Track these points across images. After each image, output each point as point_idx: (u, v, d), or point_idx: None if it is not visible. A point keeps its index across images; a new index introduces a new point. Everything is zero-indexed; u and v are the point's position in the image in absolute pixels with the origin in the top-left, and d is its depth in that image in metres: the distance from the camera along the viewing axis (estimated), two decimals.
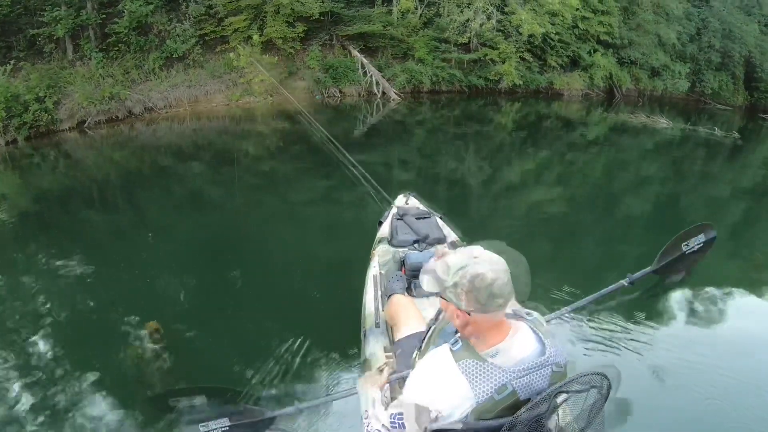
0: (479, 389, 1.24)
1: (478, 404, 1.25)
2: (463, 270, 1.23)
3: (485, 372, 1.25)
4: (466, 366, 1.26)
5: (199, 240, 5.63)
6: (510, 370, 1.25)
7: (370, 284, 2.80)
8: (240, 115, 12.61)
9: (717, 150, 11.82)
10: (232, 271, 4.67)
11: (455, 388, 1.26)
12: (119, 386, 3.13)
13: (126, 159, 9.54)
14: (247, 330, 3.73)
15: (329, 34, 14.40)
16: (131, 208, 7.03)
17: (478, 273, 1.22)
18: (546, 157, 10.17)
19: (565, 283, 3.84)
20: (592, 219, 6.66)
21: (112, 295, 4.31)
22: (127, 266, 4.90)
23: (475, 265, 1.24)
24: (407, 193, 3.76)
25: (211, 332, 3.72)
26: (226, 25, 13.33)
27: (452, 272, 1.25)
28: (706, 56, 18.99)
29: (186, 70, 13.06)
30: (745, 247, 5.82)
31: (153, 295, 4.28)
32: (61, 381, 3.18)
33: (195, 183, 8.04)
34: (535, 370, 1.26)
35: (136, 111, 12.08)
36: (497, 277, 1.22)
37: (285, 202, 6.99)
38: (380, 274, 2.83)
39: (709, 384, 2.77)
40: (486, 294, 1.22)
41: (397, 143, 10.76)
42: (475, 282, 1.22)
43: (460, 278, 1.24)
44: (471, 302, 1.24)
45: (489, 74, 15.14)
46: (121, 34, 12.58)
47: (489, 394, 1.24)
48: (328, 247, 5.22)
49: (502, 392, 1.23)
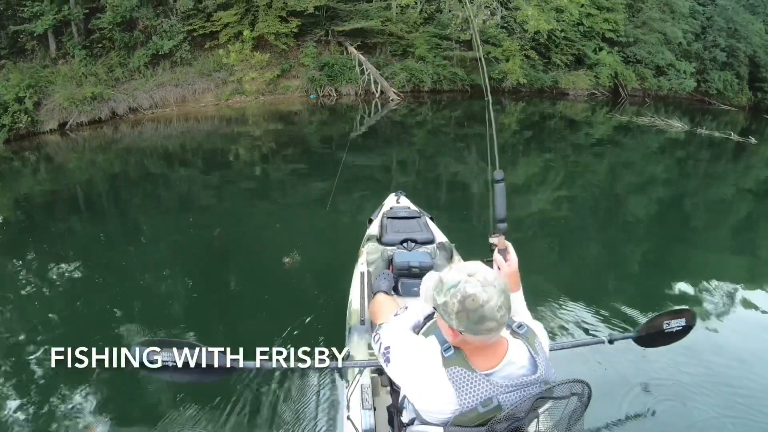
0: (464, 399, 1.22)
1: (461, 413, 1.23)
2: (454, 288, 1.20)
3: (473, 383, 1.23)
4: (455, 374, 1.24)
5: (186, 244, 5.45)
6: (499, 384, 1.23)
7: (357, 281, 2.80)
8: (230, 116, 12.23)
9: (736, 154, 11.42)
10: (219, 272, 4.66)
11: (440, 393, 1.24)
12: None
13: (110, 162, 9.23)
14: (229, 325, 3.74)
15: (325, 30, 13.98)
16: (115, 214, 6.79)
17: (469, 293, 1.18)
18: (551, 160, 9.81)
19: (555, 318, 3.77)
20: (597, 232, 6.25)
21: (97, 305, 4.13)
22: (110, 275, 4.74)
23: (466, 284, 1.20)
24: (398, 192, 3.79)
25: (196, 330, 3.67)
26: (216, 20, 12.85)
27: (444, 290, 1.22)
28: (711, 55, 18.76)
29: (173, 68, 12.64)
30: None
31: (140, 305, 4.15)
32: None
33: (183, 188, 7.78)
34: (525, 387, 1.24)
35: (120, 112, 11.69)
36: (489, 299, 1.18)
37: (276, 205, 6.80)
38: (368, 271, 2.83)
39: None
40: (477, 316, 1.18)
41: (395, 145, 10.46)
42: (465, 303, 1.18)
43: (450, 297, 1.20)
44: (462, 322, 1.20)
45: (492, 73, 14.74)
46: (105, 30, 12.13)
47: (473, 405, 1.22)
48: (316, 248, 5.10)
49: (488, 405, 1.22)
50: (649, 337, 2.43)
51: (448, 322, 1.22)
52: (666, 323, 2.40)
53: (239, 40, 12.65)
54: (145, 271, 4.75)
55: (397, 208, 3.50)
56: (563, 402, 1.30)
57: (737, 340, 3.63)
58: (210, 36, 13.02)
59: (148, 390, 3.01)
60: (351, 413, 1.98)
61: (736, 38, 18.93)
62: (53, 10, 11.59)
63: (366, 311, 2.51)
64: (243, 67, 12.55)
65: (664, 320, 2.41)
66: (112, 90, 11.67)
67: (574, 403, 1.32)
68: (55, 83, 11.17)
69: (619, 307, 3.97)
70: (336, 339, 2.79)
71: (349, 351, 2.27)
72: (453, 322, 1.21)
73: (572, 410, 1.33)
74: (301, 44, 13.67)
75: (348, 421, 1.96)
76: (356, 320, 2.51)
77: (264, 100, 12.75)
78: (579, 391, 1.30)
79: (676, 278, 4.80)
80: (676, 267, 5.14)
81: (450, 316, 1.21)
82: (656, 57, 17.49)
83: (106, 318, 3.85)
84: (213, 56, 12.77)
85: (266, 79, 12.77)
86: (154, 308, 4.09)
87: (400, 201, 3.69)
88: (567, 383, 1.27)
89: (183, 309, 4.10)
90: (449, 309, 1.20)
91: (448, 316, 1.21)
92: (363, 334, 2.38)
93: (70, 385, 3.05)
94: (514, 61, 14.35)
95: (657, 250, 5.70)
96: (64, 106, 10.77)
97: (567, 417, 1.33)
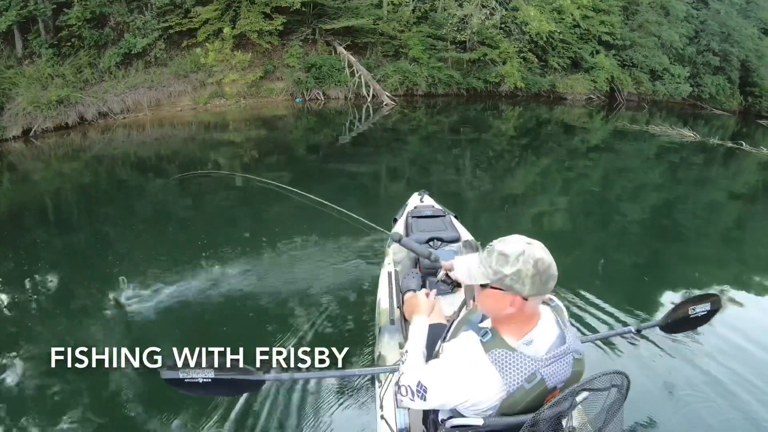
0: (510, 379, 1.26)
1: (509, 394, 1.26)
2: (523, 256, 1.25)
3: (515, 361, 1.26)
4: (497, 356, 1.27)
5: (172, 257, 5.15)
6: (538, 358, 1.27)
7: (384, 281, 2.86)
8: (209, 121, 11.64)
9: (741, 159, 11.24)
10: (226, 282, 4.42)
11: (486, 379, 1.27)
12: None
13: (78, 172, 8.76)
14: (252, 328, 3.74)
15: (312, 28, 13.41)
16: (84, 228, 6.39)
17: (538, 257, 1.25)
18: (548, 168, 9.68)
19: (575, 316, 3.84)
20: (598, 247, 6.02)
21: (61, 329, 3.94)
22: (80, 291, 4.55)
23: (532, 249, 1.26)
24: (422, 192, 3.85)
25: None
26: (194, 16, 12.13)
27: (512, 260, 1.25)
28: (705, 59, 18.83)
29: (147, 68, 11.92)
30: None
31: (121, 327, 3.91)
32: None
33: (158, 198, 7.36)
34: (560, 357, 1.29)
35: (89, 116, 11.07)
36: (551, 260, 1.27)
37: (257, 217, 6.47)
38: (395, 271, 2.89)
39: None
40: (546, 276, 1.25)
41: (387, 153, 10.08)
42: (538, 266, 1.24)
43: (522, 264, 1.24)
44: (535, 286, 1.25)
45: (489, 76, 14.43)
46: (74, 28, 11.34)
47: (519, 383, 1.26)
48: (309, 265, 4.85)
49: (532, 380, 1.26)
50: (675, 324, 2.46)
51: (518, 289, 1.26)
52: (692, 309, 2.43)
53: (219, 38, 11.97)
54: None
55: (421, 207, 3.58)
56: (603, 394, 1.32)
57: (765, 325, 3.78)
58: (187, 34, 12.32)
59: (151, 390, 2.97)
60: (385, 412, 2.01)
61: (729, 42, 19.00)
62: (18, 5, 10.87)
63: (395, 311, 2.57)
64: (223, 68, 11.91)
65: (689, 306, 2.44)
66: (80, 93, 11.02)
67: (614, 395, 1.34)
68: (19, 85, 10.49)
69: (641, 299, 4.10)
70: (365, 339, 3.15)
71: (381, 351, 2.37)
72: (526, 288, 1.25)
73: (611, 402, 1.34)
74: (286, 43, 13.10)
75: (382, 420, 1.99)
76: (386, 320, 2.56)
77: (246, 104, 12.22)
78: (619, 382, 1.33)
79: (698, 269, 5.08)
80: (699, 258, 5.44)
81: (524, 282, 1.25)
82: (652, 61, 17.47)
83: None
84: (190, 56, 12.09)
85: (248, 81, 12.17)
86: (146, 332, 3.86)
87: (424, 200, 3.74)
88: (607, 375, 1.29)
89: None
90: (523, 275, 1.24)
91: (521, 283, 1.25)
92: (393, 333, 2.43)
93: (70, 385, 3.08)
94: (511, 63, 14.01)
95: (685, 246, 5.94)
96: (29, 110, 10.18)
97: (606, 410, 1.35)
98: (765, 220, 7.85)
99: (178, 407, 2.80)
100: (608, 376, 1.28)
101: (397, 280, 2.79)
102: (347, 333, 3.51)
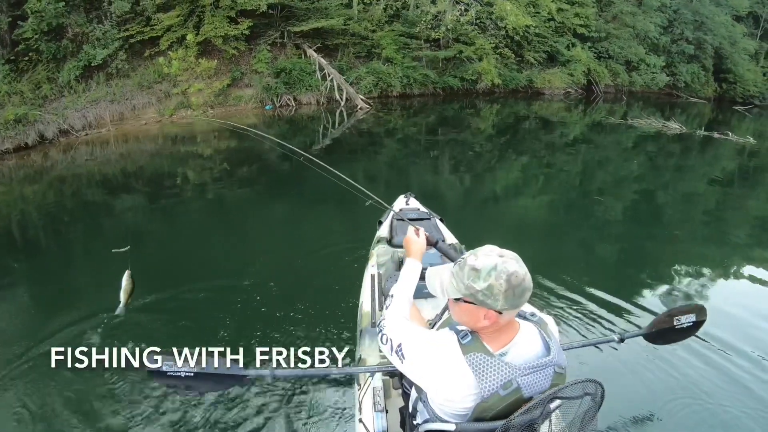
0: (485, 384, 1.25)
1: (483, 399, 1.26)
2: (495, 271, 1.24)
3: (492, 367, 1.26)
4: (474, 360, 1.27)
5: (171, 260, 5.14)
6: (516, 366, 1.27)
7: (368, 284, 2.87)
8: (176, 134, 11.14)
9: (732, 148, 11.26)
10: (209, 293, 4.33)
11: (460, 379, 1.27)
12: None
13: (41, 194, 8.30)
14: (252, 328, 3.70)
15: (280, 32, 13.01)
16: (50, 253, 6.05)
17: (511, 271, 1.24)
18: (529, 165, 9.59)
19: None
20: (585, 249, 5.89)
21: (61, 329, 3.83)
22: (80, 291, 4.56)
23: (505, 264, 1.25)
24: (408, 194, 3.81)
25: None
26: (156, 23, 11.63)
27: (483, 275, 1.25)
28: (679, 48, 19.02)
29: (108, 81, 11.40)
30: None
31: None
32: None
33: (127, 217, 7.06)
34: (540, 369, 1.28)
35: (50, 135, 10.46)
36: (525, 272, 1.26)
37: (233, 229, 6.32)
38: (378, 274, 2.91)
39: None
40: (520, 290, 1.24)
41: (363, 158, 9.91)
42: (511, 280, 1.23)
43: (494, 279, 1.23)
44: (508, 300, 1.24)
45: (465, 73, 14.19)
46: (30, 41, 10.81)
47: (494, 390, 1.25)
48: (283, 272, 4.85)
49: (508, 388, 1.25)
50: (660, 334, 2.46)
51: (491, 305, 1.24)
52: (676, 319, 2.44)
53: (182, 45, 11.50)
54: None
55: (406, 209, 3.56)
56: (576, 402, 1.32)
57: (750, 336, 3.69)
58: (150, 42, 11.81)
59: (149, 390, 3.00)
60: (363, 416, 2.02)
61: (702, 30, 19.24)
62: None
63: (377, 313, 2.54)
64: (188, 77, 11.44)
65: (674, 316, 2.45)
66: (39, 110, 10.43)
67: (587, 404, 1.34)
68: None
69: (625, 305, 4.01)
70: (346, 340, 3.22)
71: (361, 354, 2.38)
72: (498, 303, 1.24)
73: (585, 410, 1.35)
74: (254, 48, 12.71)
75: (360, 423, 2.01)
76: (368, 323, 2.55)
77: (213, 114, 11.72)
78: (592, 391, 1.32)
79: (684, 274, 4.97)
80: (682, 262, 5.26)
81: (496, 297, 1.23)
82: (628, 52, 17.57)
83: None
84: (153, 66, 11.58)
85: (215, 90, 11.72)
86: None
87: (410, 202, 3.71)
88: (580, 383, 1.29)
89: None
90: (495, 291, 1.23)
91: (493, 298, 1.24)
92: (375, 336, 2.43)
93: (71, 385, 3.07)
94: (488, 60, 13.84)
95: (667, 245, 5.79)
96: None
97: (580, 417, 1.35)
98: (743, 204, 7.92)
99: (178, 407, 2.87)
100: (581, 384, 1.29)
101: (380, 283, 2.81)
102: (347, 333, 3.44)
